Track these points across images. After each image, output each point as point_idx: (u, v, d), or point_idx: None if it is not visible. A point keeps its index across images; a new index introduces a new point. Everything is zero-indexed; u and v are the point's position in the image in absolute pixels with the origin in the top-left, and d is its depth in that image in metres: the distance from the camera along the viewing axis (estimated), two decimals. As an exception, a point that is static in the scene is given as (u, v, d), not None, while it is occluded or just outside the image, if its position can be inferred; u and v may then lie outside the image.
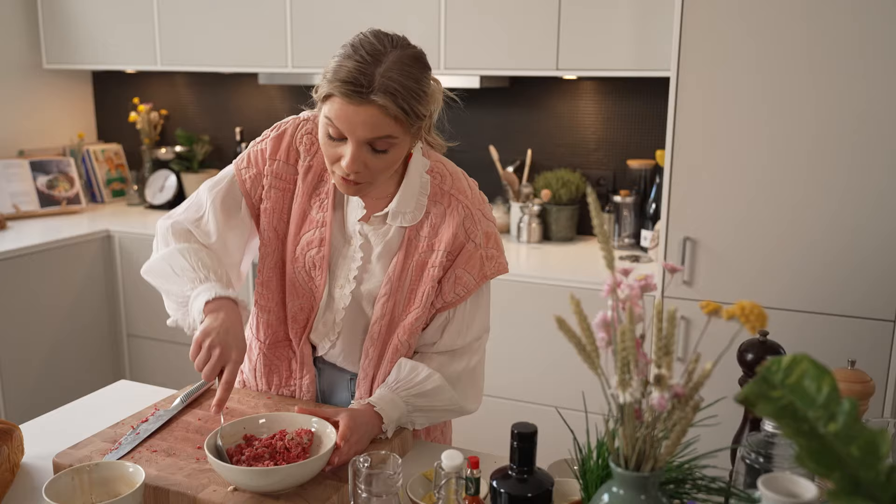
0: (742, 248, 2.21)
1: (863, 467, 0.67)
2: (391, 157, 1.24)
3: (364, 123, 1.18)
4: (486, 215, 1.39)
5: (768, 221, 2.17)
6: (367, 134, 1.19)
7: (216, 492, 1.14)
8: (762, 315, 0.74)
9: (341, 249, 1.39)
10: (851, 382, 1.10)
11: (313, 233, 1.38)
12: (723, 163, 2.19)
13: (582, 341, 0.82)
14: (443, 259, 1.34)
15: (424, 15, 2.78)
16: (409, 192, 1.34)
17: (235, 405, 1.43)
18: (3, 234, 3.04)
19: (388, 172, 1.27)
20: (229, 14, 3.09)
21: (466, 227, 1.34)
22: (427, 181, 1.36)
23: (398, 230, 1.36)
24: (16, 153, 3.49)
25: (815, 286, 2.14)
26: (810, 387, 0.72)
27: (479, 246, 1.35)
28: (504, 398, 2.59)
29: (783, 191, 2.14)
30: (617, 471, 0.82)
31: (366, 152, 1.21)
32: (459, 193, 1.36)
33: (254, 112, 3.58)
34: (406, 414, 1.34)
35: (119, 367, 3.26)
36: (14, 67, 3.46)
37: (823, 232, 2.12)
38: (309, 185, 1.38)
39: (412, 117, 1.21)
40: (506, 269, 1.40)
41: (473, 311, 1.40)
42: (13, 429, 1.29)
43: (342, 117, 1.19)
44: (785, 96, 2.10)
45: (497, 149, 3.04)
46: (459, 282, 1.35)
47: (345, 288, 1.38)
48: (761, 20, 2.08)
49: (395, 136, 1.21)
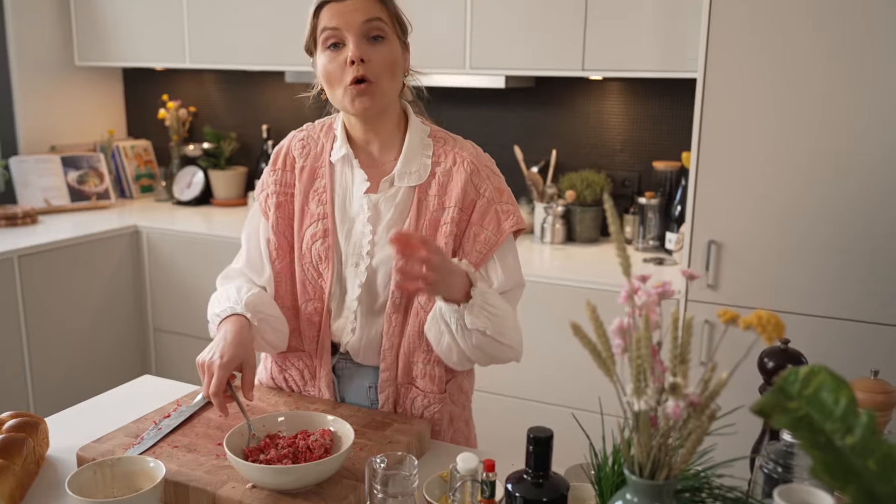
0: (768, 252, 2.18)
1: (880, 481, 0.66)
2: (388, 48, 1.34)
3: (356, 10, 1.32)
4: (494, 171, 1.43)
5: (795, 225, 2.14)
6: (361, 17, 1.32)
7: (235, 488, 1.16)
8: (779, 325, 0.73)
9: (348, 232, 1.41)
10: (874, 393, 1.08)
11: (316, 226, 1.42)
12: (749, 165, 2.16)
13: (597, 347, 0.82)
14: (454, 215, 1.36)
15: (450, 15, 2.78)
16: (411, 152, 1.40)
17: (256, 402, 1.45)
18: (34, 228, 3.10)
19: (389, 74, 1.34)
20: (257, 13, 3.11)
21: (475, 182, 1.38)
22: (429, 143, 1.42)
23: (407, 192, 1.39)
24: (48, 149, 3.56)
25: (842, 292, 2.11)
26: (828, 399, 0.71)
27: (492, 201, 1.38)
28: (523, 398, 2.59)
29: (810, 194, 2.11)
30: (631, 478, 0.82)
31: (364, 43, 1.32)
32: (463, 151, 1.41)
33: (280, 110, 3.60)
34: (480, 298, 1.28)
35: (146, 362, 3.31)
36: (47, 65, 3.52)
37: (851, 236, 2.08)
38: (305, 182, 1.45)
39: (395, 10, 1.37)
40: (524, 223, 1.41)
41: (501, 267, 1.39)
42: (39, 422, 1.31)
43: (335, 14, 1.32)
44: (813, 98, 2.07)
45: (521, 149, 3.03)
46: (479, 239, 1.37)
47: (360, 265, 1.40)
48: (790, 21, 2.05)
49: (384, 21, 1.34)
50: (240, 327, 1.34)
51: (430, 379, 1.40)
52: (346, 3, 1.32)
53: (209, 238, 3.05)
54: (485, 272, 1.38)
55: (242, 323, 1.35)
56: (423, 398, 1.42)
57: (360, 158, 1.43)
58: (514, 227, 1.39)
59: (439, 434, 1.45)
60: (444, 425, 1.45)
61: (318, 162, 1.45)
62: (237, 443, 1.21)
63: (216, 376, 1.25)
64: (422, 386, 1.42)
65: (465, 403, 1.52)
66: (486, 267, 1.38)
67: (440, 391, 1.42)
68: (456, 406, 1.47)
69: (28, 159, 3.39)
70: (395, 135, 1.42)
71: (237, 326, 1.34)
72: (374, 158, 1.43)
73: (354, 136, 1.43)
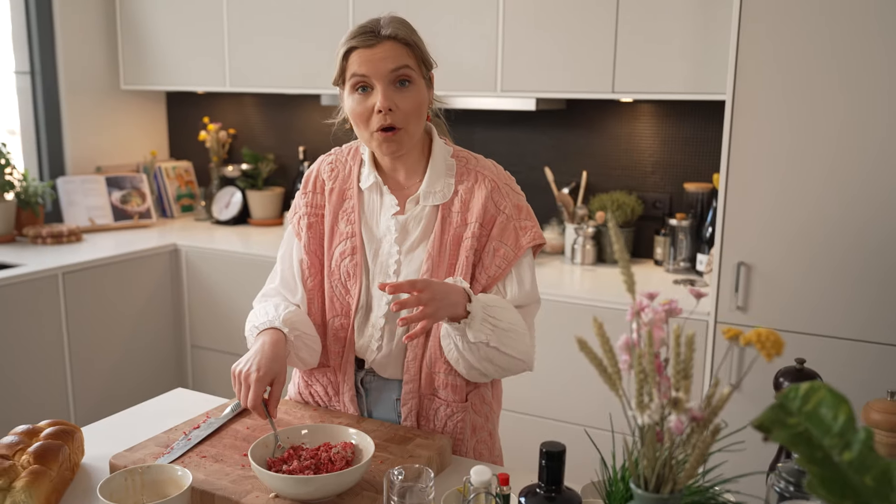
0: (798, 274, 2.17)
1: (876, 497, 0.67)
2: (414, 93, 1.39)
3: (384, 58, 1.36)
4: (514, 189, 1.47)
5: (824, 247, 2.13)
6: (390, 65, 1.36)
7: (258, 497, 1.19)
8: (778, 342, 0.75)
9: (375, 252, 1.47)
10: (890, 413, 1.08)
11: (344, 244, 1.48)
12: (778, 187, 2.16)
13: (603, 362, 0.84)
14: (475, 230, 1.41)
15: (482, 38, 2.83)
16: (436, 173, 1.46)
17: (282, 415, 1.49)
18: (78, 245, 3.21)
19: (416, 118, 1.40)
20: (294, 38, 3.20)
21: (495, 199, 1.43)
22: (453, 164, 1.48)
23: (431, 211, 1.45)
24: (94, 169, 3.68)
25: (872, 314, 2.09)
26: (826, 415, 0.72)
27: (510, 217, 1.43)
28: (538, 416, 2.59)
29: (839, 216, 2.10)
30: (637, 492, 0.84)
31: (392, 90, 1.37)
32: (484, 170, 1.46)
33: (316, 132, 3.68)
34: (481, 313, 1.32)
35: (182, 376, 3.38)
36: (95, 89, 3.65)
37: (880, 259, 2.06)
38: (334, 203, 1.51)
39: (421, 53, 1.40)
40: (542, 238, 1.45)
41: (518, 282, 1.43)
42: (75, 430, 1.37)
43: (364, 61, 1.36)
44: (841, 121, 2.06)
45: (553, 170, 3.06)
46: (498, 254, 1.42)
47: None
48: (818, 43, 2.05)
49: (412, 68, 1.38)
50: (276, 340, 1.39)
51: (452, 389, 1.44)
52: (376, 51, 1.36)
53: (246, 257, 3.13)
54: (501, 286, 1.43)
55: (279, 337, 1.40)
56: (446, 408, 1.45)
57: (388, 185, 1.49)
58: (532, 242, 1.43)
59: (462, 444, 1.48)
60: (466, 435, 1.48)
61: (347, 184, 1.52)
62: (261, 453, 1.25)
63: (253, 389, 1.31)
64: (444, 396, 1.45)
65: (489, 415, 1.54)
66: (503, 281, 1.43)
67: (462, 400, 1.46)
68: (479, 416, 1.50)
69: (74, 179, 3.52)
70: (420, 160, 1.48)
71: (274, 339, 1.39)
72: (401, 183, 1.49)
73: (382, 164, 1.50)
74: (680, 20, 2.54)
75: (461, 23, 2.86)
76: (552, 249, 3.08)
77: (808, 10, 2.05)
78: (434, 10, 2.90)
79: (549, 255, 3.07)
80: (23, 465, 1.23)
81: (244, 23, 3.32)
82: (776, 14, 2.09)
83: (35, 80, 3.47)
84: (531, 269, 1.46)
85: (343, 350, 1.49)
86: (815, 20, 2.05)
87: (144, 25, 3.58)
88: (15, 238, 3.28)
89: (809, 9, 2.05)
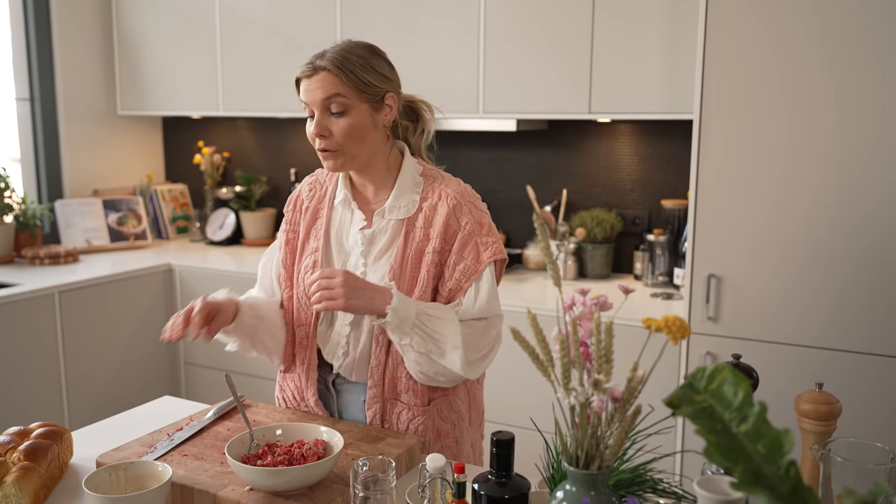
0: (767, 285, 2.25)
1: (766, 462, 0.75)
2: (349, 121, 1.46)
3: (317, 88, 1.46)
4: (478, 206, 1.55)
5: (792, 259, 2.21)
6: (321, 95, 1.45)
7: (234, 490, 1.27)
8: (684, 326, 0.83)
9: (343, 264, 1.57)
10: (819, 404, 1.16)
11: (309, 259, 1.59)
12: (746, 201, 2.25)
13: (535, 351, 0.92)
14: (437, 245, 1.50)
15: (464, 62, 2.94)
16: (402, 189, 1.55)
17: (261, 417, 1.57)
18: (75, 266, 3.30)
19: (353, 141, 1.48)
20: (285, 64, 3.32)
21: (457, 215, 1.51)
22: (420, 181, 1.56)
23: (396, 225, 1.54)
24: (91, 192, 3.78)
25: (838, 323, 2.17)
26: (728, 392, 0.81)
27: (472, 233, 1.50)
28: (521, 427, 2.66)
29: (807, 229, 2.19)
30: (569, 469, 0.92)
31: (326, 117, 1.47)
32: (448, 188, 1.54)
33: (308, 154, 3.79)
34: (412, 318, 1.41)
35: (175, 393, 3.45)
36: (93, 114, 3.77)
37: (847, 270, 2.15)
38: (308, 221, 1.62)
39: (357, 81, 1.46)
40: (503, 253, 1.53)
41: (476, 295, 1.50)
42: (64, 432, 1.45)
43: (305, 90, 1.48)
44: (808, 138, 2.16)
45: (535, 189, 3.16)
46: (458, 268, 1.50)
47: None
48: (783, 64, 2.15)
49: (346, 97, 1.46)
50: (228, 300, 1.54)
51: (413, 393, 1.52)
52: (311, 81, 1.47)
53: (239, 275, 3.21)
54: (463, 298, 1.50)
55: (232, 301, 1.55)
56: (408, 412, 1.53)
57: (357, 200, 1.59)
58: (493, 257, 1.50)
59: (426, 448, 1.55)
60: (429, 438, 1.55)
61: (322, 203, 1.63)
62: (238, 449, 1.32)
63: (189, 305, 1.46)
64: (406, 400, 1.53)
65: (457, 422, 1.60)
66: (465, 294, 1.50)
67: (424, 404, 1.53)
68: (445, 423, 1.57)
69: (72, 202, 3.62)
70: (388, 177, 1.57)
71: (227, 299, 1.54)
72: (369, 199, 1.59)
73: (354, 180, 1.60)
74: (652, 43, 2.64)
75: (444, 47, 2.97)
76: (535, 266, 3.16)
77: (771, 31, 2.15)
78: (417, 35, 3.01)
79: (533, 271, 3.16)
80: (13, 462, 1.31)
81: (237, 49, 3.44)
82: (739, 36, 2.19)
83: (34, 107, 3.59)
84: (491, 284, 1.52)
85: (307, 356, 1.59)
86: (778, 41, 2.15)
87: (141, 53, 3.70)
88: (13, 259, 3.37)
89: (773, 29, 2.15)
